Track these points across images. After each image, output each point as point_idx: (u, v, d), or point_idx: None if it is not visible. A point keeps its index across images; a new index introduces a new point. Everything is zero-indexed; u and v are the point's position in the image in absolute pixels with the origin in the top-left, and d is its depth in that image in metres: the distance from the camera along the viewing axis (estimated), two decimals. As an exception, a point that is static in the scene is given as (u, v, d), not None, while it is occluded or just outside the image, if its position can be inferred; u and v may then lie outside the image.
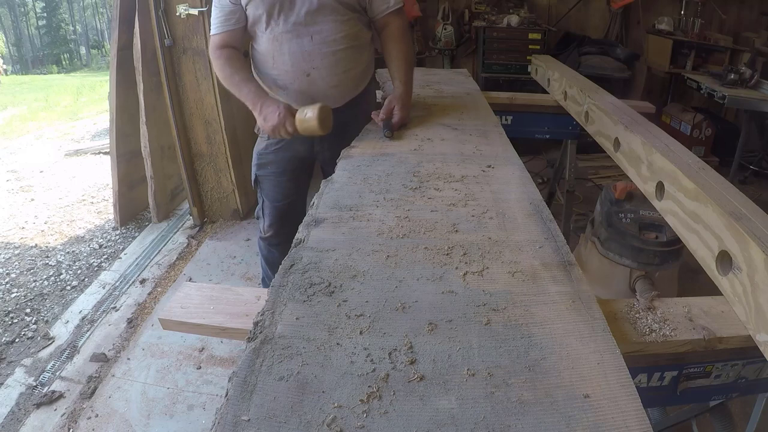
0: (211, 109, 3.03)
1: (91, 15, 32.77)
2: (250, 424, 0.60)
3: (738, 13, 4.54)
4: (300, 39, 1.60)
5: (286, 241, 2.21)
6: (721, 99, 3.48)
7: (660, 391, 1.00)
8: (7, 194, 4.26)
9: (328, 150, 1.78)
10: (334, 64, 1.66)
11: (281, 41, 1.61)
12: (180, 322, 0.96)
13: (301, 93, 1.69)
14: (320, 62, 1.64)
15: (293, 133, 1.58)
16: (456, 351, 0.71)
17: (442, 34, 4.35)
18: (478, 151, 1.48)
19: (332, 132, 1.60)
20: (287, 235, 2.19)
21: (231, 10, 1.63)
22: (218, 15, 1.65)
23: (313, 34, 1.60)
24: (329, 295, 0.83)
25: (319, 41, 1.61)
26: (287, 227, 2.11)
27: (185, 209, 3.55)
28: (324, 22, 1.60)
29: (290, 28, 1.59)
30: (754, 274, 0.83)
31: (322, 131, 1.52)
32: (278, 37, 1.61)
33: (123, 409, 1.95)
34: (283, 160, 1.87)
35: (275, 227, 2.07)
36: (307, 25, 1.59)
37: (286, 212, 2.02)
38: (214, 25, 1.68)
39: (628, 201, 1.75)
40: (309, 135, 1.58)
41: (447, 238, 1.01)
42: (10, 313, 2.60)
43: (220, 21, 1.66)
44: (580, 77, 2.25)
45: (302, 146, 1.82)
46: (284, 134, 1.59)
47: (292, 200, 2.00)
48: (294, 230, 2.20)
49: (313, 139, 1.73)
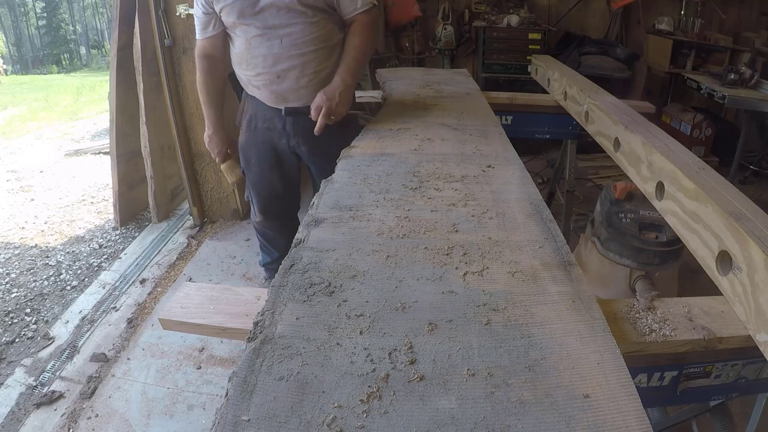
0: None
1: (91, 15, 32.78)
2: (250, 424, 0.59)
3: (738, 13, 4.54)
4: (270, 42, 1.67)
5: (277, 229, 2.31)
6: (721, 99, 3.48)
7: (660, 391, 1.00)
8: (7, 194, 4.26)
9: (304, 145, 1.90)
10: (303, 66, 1.72)
11: (253, 44, 1.69)
12: (180, 322, 0.96)
13: (273, 93, 1.79)
14: (289, 64, 1.71)
15: (220, 162, 2.05)
16: (456, 351, 0.71)
17: (442, 34, 4.36)
18: (478, 151, 1.48)
19: (306, 129, 1.77)
20: (278, 229, 2.28)
21: (207, 19, 1.74)
22: (197, 23, 1.77)
23: (282, 37, 1.67)
24: (329, 295, 0.83)
25: (289, 44, 1.67)
26: (275, 221, 2.21)
27: (185, 209, 3.55)
28: (293, 25, 1.65)
29: (261, 32, 1.66)
30: (754, 274, 0.83)
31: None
32: (250, 40, 1.69)
33: (123, 409, 1.95)
34: (262, 152, 1.96)
35: (263, 217, 2.17)
36: (277, 28, 1.65)
37: (273, 204, 2.11)
38: (197, 32, 1.80)
39: (628, 201, 1.75)
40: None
41: (447, 238, 1.01)
42: (10, 313, 2.60)
43: (200, 29, 1.78)
44: (580, 77, 2.25)
45: (278, 139, 1.92)
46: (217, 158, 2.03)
47: (279, 193, 2.08)
48: (283, 224, 2.31)
49: (287, 131, 1.88)
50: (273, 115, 1.87)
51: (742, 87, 3.50)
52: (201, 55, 1.82)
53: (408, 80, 2.45)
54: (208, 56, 1.82)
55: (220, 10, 1.66)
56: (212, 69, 1.84)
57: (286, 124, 1.87)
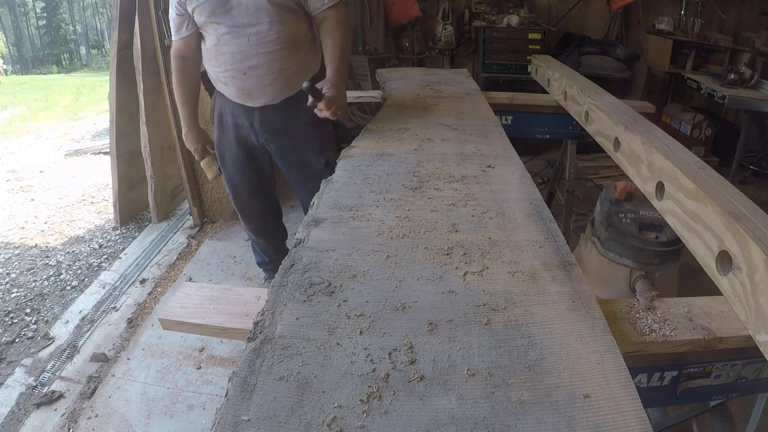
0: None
1: (91, 15, 32.77)
2: (250, 424, 0.60)
3: (738, 13, 4.54)
4: (238, 39, 1.72)
5: (259, 231, 2.40)
6: (721, 99, 3.48)
7: (660, 391, 1.00)
8: (7, 194, 4.26)
9: (273, 142, 1.97)
10: (269, 63, 1.76)
11: (222, 41, 1.74)
12: (180, 322, 0.96)
13: (239, 89, 1.83)
14: (256, 61, 1.75)
15: (199, 159, 2.12)
16: (456, 351, 0.71)
17: (442, 34, 4.36)
18: (478, 151, 1.48)
19: (273, 127, 1.90)
20: (261, 231, 2.37)
21: (180, 20, 1.79)
22: (172, 25, 1.82)
23: (250, 36, 1.71)
24: (329, 295, 0.83)
25: (256, 42, 1.72)
26: (255, 221, 2.29)
27: (185, 209, 3.55)
28: (261, 24, 1.69)
29: (230, 30, 1.71)
30: (754, 274, 0.83)
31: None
32: (220, 38, 1.74)
33: (123, 409, 1.95)
34: (234, 148, 2.02)
35: (241, 215, 2.25)
36: (245, 27, 1.70)
37: (250, 202, 2.18)
38: (172, 33, 1.86)
39: (628, 201, 1.75)
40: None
41: (447, 238, 1.01)
42: (10, 313, 2.60)
43: (174, 30, 1.83)
44: (580, 77, 2.25)
45: (247, 135, 1.98)
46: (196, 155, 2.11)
47: (255, 189, 2.15)
48: (264, 225, 2.40)
49: (255, 129, 1.93)
50: (240, 112, 1.92)
51: (742, 87, 3.50)
52: (176, 56, 1.88)
53: (408, 80, 2.45)
54: (182, 57, 1.88)
55: (192, 10, 1.72)
56: (186, 69, 1.90)
57: (254, 121, 1.92)
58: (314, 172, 2.00)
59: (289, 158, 2.02)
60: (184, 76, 1.92)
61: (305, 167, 2.02)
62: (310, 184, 2.02)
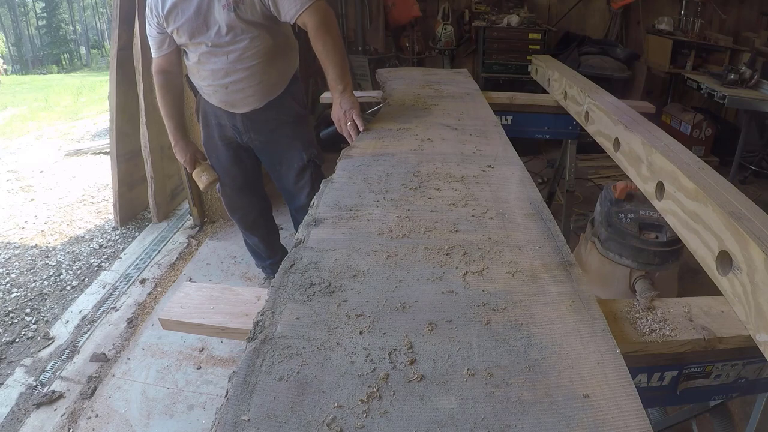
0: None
1: (91, 15, 32.76)
2: (250, 424, 0.59)
3: (738, 13, 4.54)
4: (217, 57, 1.80)
5: (250, 228, 2.45)
6: (721, 99, 3.48)
7: (660, 391, 1.00)
8: (7, 194, 4.26)
9: (257, 140, 2.04)
10: (248, 78, 1.85)
11: (203, 60, 1.83)
12: (180, 322, 0.96)
13: (223, 101, 1.93)
14: (236, 77, 1.84)
15: (189, 171, 2.14)
16: (456, 351, 0.71)
17: (442, 34, 4.36)
18: (478, 151, 1.48)
19: (256, 126, 1.97)
20: (252, 229, 2.38)
21: (161, 38, 1.85)
22: (152, 42, 1.87)
23: (228, 53, 1.79)
24: (329, 295, 0.83)
25: (234, 59, 1.80)
26: (245, 220, 2.34)
27: (185, 209, 3.55)
28: (237, 42, 1.77)
29: (209, 49, 1.79)
30: (754, 274, 0.83)
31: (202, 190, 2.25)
32: (200, 56, 1.82)
33: (123, 409, 1.95)
34: (219, 147, 2.10)
35: (231, 214, 2.31)
36: (224, 46, 1.77)
37: (237, 199, 2.24)
38: (152, 50, 1.91)
39: (628, 201, 1.75)
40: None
41: (447, 238, 1.01)
42: (10, 313, 2.60)
43: (155, 48, 1.89)
44: (580, 77, 2.25)
45: (231, 134, 2.05)
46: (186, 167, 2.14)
47: (241, 186, 2.20)
48: (254, 222, 2.49)
49: (238, 128, 2.00)
50: (223, 114, 1.98)
51: (742, 87, 3.50)
52: (157, 71, 1.94)
53: (408, 80, 2.45)
54: (164, 72, 1.94)
55: (171, 32, 1.78)
56: (168, 83, 1.96)
57: (237, 122, 1.97)
58: (297, 168, 2.07)
59: (272, 155, 2.08)
60: (167, 91, 1.97)
61: (288, 163, 2.07)
62: (293, 178, 2.10)
